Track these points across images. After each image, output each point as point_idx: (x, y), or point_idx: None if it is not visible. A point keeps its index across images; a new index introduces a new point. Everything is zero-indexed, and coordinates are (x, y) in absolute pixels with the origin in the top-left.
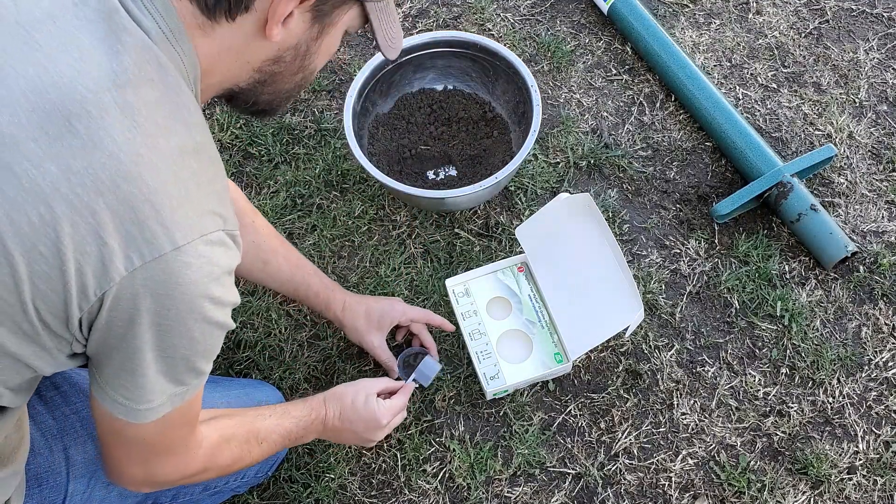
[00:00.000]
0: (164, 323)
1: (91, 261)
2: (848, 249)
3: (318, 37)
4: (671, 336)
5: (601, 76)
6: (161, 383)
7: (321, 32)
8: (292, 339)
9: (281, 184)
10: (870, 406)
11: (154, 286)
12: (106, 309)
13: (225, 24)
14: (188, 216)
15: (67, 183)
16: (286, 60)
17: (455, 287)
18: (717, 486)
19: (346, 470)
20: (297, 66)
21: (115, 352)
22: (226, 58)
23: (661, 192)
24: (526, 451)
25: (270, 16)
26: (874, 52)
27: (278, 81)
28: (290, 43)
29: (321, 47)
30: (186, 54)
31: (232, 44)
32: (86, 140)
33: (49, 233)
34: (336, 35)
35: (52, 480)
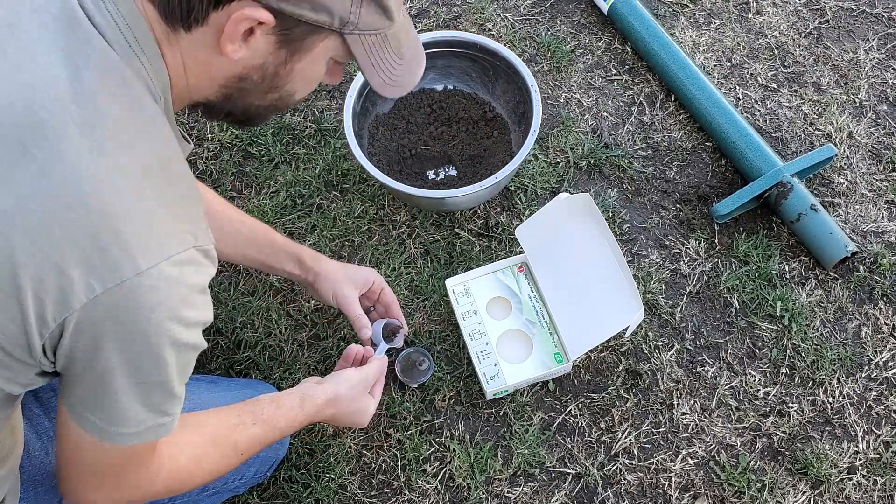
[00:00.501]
0: (131, 349)
1: (49, 289)
2: (848, 249)
3: (287, 61)
4: (671, 336)
5: (601, 76)
6: (139, 411)
7: (290, 57)
8: (292, 339)
9: (281, 184)
10: (870, 406)
11: (117, 312)
12: (68, 335)
13: (184, 35)
14: (152, 239)
15: (22, 213)
16: (252, 79)
17: (455, 287)
18: (717, 486)
19: (346, 470)
20: (266, 86)
21: (84, 375)
22: (191, 70)
23: (661, 192)
24: (526, 451)
25: (224, 33)
26: (874, 52)
27: (248, 98)
28: (254, 63)
29: (294, 72)
30: (153, 64)
31: (194, 56)
32: (42, 166)
33: (5, 264)
34: (314, 62)
35: (47, 483)
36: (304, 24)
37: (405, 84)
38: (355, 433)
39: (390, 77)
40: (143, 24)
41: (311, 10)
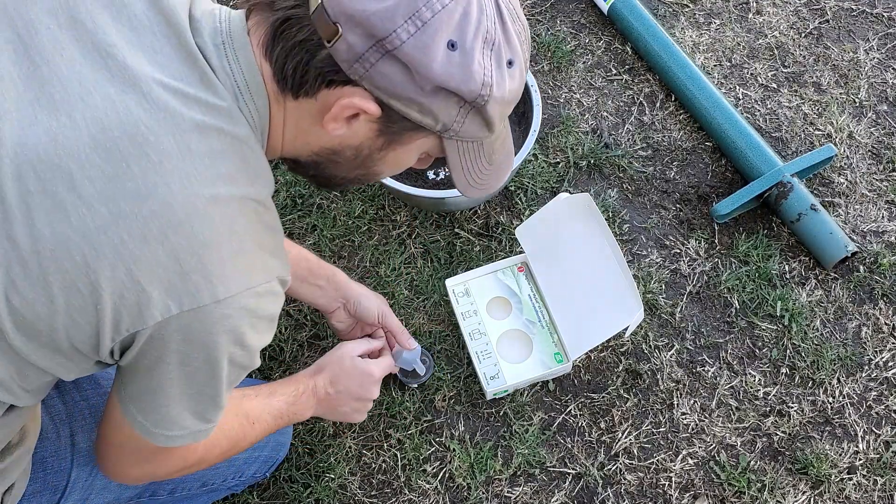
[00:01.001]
0: (192, 364)
1: (127, 304)
2: (848, 249)
3: (383, 148)
4: (671, 336)
5: (601, 76)
6: (186, 418)
7: (387, 146)
8: (292, 339)
9: (281, 184)
10: (870, 406)
11: (187, 332)
12: (138, 344)
13: (292, 100)
14: (236, 270)
15: (115, 227)
16: (345, 155)
17: (455, 287)
18: (717, 486)
19: (346, 470)
20: (357, 163)
21: (142, 378)
22: (290, 131)
23: (661, 192)
24: (526, 451)
25: (331, 112)
26: (874, 51)
27: (336, 169)
28: (352, 143)
29: (387, 158)
30: (259, 111)
31: (296, 121)
32: (140, 185)
33: (90, 273)
34: (408, 153)
35: (56, 465)
36: (407, 122)
37: (488, 188)
38: (355, 433)
39: (475, 180)
40: (256, 72)
41: (419, 112)
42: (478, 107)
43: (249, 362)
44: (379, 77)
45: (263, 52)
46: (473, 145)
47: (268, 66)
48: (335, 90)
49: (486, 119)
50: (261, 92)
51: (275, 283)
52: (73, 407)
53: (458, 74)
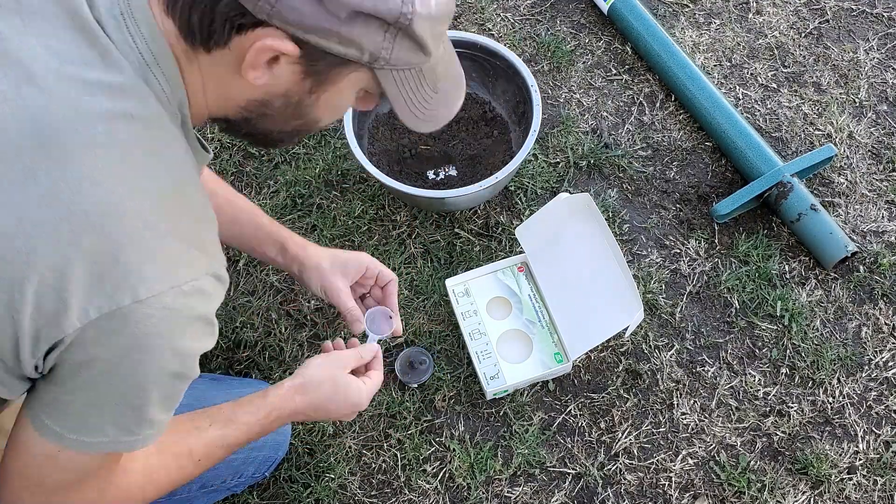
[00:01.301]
0: (116, 371)
1: (45, 313)
2: (848, 249)
3: (312, 90)
4: (671, 336)
5: (601, 76)
6: (104, 424)
7: (316, 87)
8: (292, 339)
9: (281, 184)
10: (870, 406)
11: (109, 336)
12: (58, 351)
13: (205, 55)
14: (158, 267)
15: (25, 236)
16: (275, 105)
17: (455, 287)
18: (717, 486)
19: (346, 470)
20: (289, 112)
21: (61, 385)
22: (210, 89)
23: (661, 192)
24: (526, 451)
25: (246, 60)
26: (874, 51)
27: (269, 122)
28: (278, 90)
29: (320, 101)
30: (170, 81)
31: (215, 76)
32: (48, 189)
33: (2, 285)
34: (342, 93)
35: None
36: (331, 57)
37: (439, 118)
38: (355, 433)
39: (423, 112)
40: (162, 41)
41: (339, 43)
42: (403, 28)
43: (182, 369)
44: (288, 11)
45: (164, 8)
46: (412, 73)
47: (171, 24)
48: (247, 35)
49: (417, 41)
50: (168, 59)
51: (204, 280)
52: None
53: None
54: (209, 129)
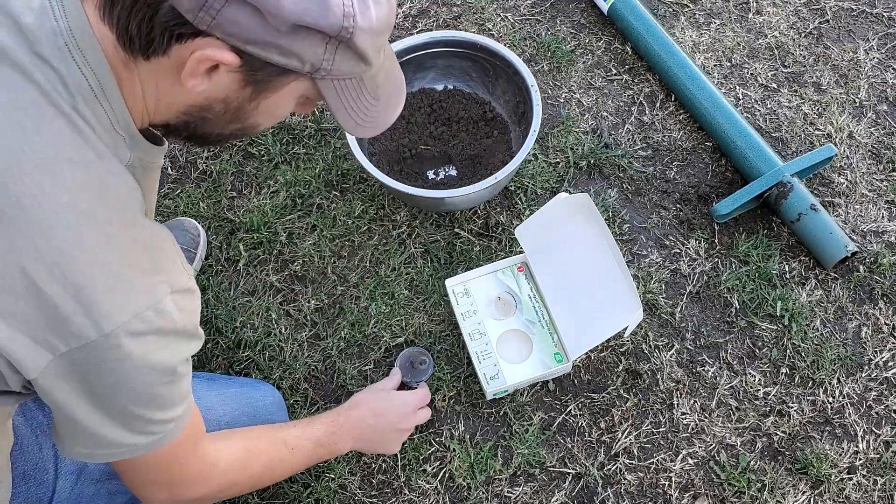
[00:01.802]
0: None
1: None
2: (848, 249)
3: (253, 97)
4: (671, 336)
5: (601, 76)
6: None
7: (257, 95)
8: (292, 339)
9: (281, 184)
10: (870, 406)
11: (81, 366)
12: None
13: (143, 62)
14: (116, 301)
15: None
16: (215, 111)
17: (455, 287)
18: (717, 485)
19: (346, 470)
20: (228, 118)
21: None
22: (150, 95)
23: (661, 192)
24: (526, 451)
25: (185, 69)
26: (874, 51)
27: (209, 126)
28: (218, 96)
29: (260, 108)
30: (115, 108)
31: (154, 83)
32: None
33: None
34: (282, 99)
35: (39, 477)
36: (271, 67)
37: (378, 125)
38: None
39: (362, 118)
40: (105, 65)
41: (280, 55)
42: (344, 41)
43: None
44: (228, 24)
45: (100, 15)
46: (352, 82)
47: (107, 30)
48: (186, 44)
49: (358, 53)
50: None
51: (166, 300)
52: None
53: (313, 9)
54: None
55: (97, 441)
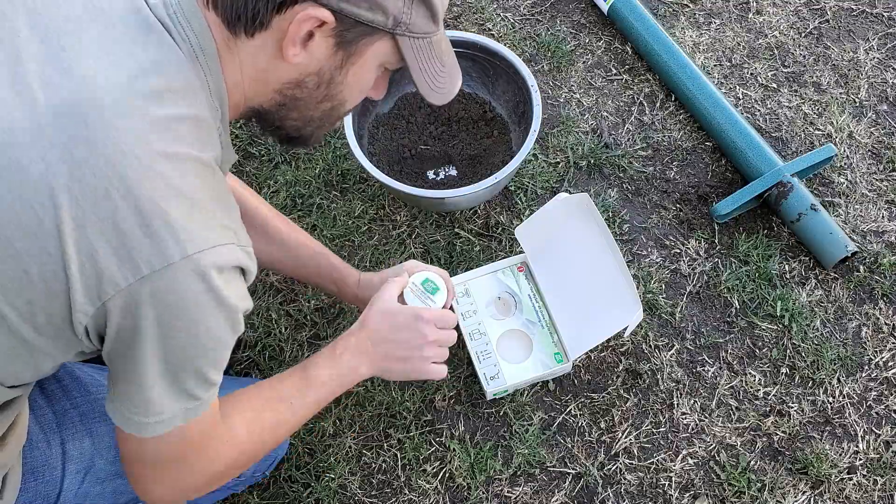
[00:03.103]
0: (171, 332)
1: (98, 266)
2: (848, 249)
3: (342, 65)
4: (671, 336)
5: (601, 76)
6: (170, 396)
7: (346, 61)
8: (292, 339)
9: (281, 184)
10: (870, 406)
11: (162, 295)
12: (113, 319)
13: (245, 40)
14: (199, 227)
15: (79, 185)
16: (308, 86)
17: (455, 287)
18: (717, 485)
19: (346, 470)
20: (321, 93)
21: (122, 360)
22: (248, 76)
23: (661, 192)
24: (526, 451)
25: (288, 35)
26: (874, 51)
27: (302, 107)
28: (312, 68)
29: (348, 77)
30: (213, 75)
31: (253, 62)
32: (101, 146)
33: (56, 233)
34: (366, 67)
35: (47, 474)
36: (360, 25)
37: (448, 91)
38: (355, 433)
39: (435, 83)
40: (209, 36)
41: (368, 9)
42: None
43: (232, 325)
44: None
45: (206, 1)
46: (425, 43)
47: (213, 15)
48: (286, 13)
49: (430, 8)
50: (213, 56)
51: (234, 247)
52: (62, 415)
53: None
54: None
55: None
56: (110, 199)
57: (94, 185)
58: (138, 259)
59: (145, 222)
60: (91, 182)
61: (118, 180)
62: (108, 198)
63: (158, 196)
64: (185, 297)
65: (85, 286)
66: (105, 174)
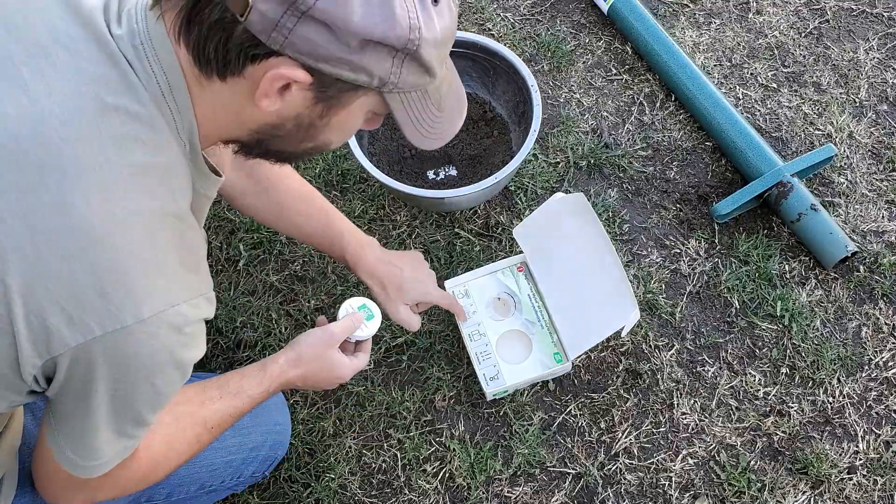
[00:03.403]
0: (120, 388)
1: (47, 325)
2: (848, 249)
3: (324, 114)
4: (671, 336)
5: (601, 76)
6: (111, 441)
7: (328, 112)
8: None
9: None
10: (870, 406)
11: (113, 355)
12: (62, 369)
13: (217, 81)
14: (158, 286)
15: (31, 243)
16: (287, 128)
17: (455, 288)
18: (717, 485)
19: (346, 470)
20: (301, 136)
21: (71, 403)
22: (221, 115)
23: (661, 192)
24: (526, 451)
25: (260, 88)
26: (874, 51)
27: (280, 144)
28: (289, 114)
29: (331, 125)
30: (181, 111)
31: (226, 103)
32: (57, 200)
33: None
34: (351, 115)
35: None
36: (341, 83)
37: (443, 135)
38: (355, 433)
39: (428, 130)
40: (178, 71)
41: (351, 70)
42: (411, 53)
43: (182, 376)
44: (301, 42)
45: (177, 37)
46: (417, 94)
47: (185, 52)
48: (260, 64)
49: (423, 65)
50: (182, 90)
51: (199, 300)
52: None
53: (381, 23)
54: None
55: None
56: (67, 261)
57: (50, 249)
58: (90, 321)
59: (101, 285)
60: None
61: (74, 245)
62: (66, 259)
63: (118, 257)
64: (139, 358)
65: (33, 342)
66: (62, 234)
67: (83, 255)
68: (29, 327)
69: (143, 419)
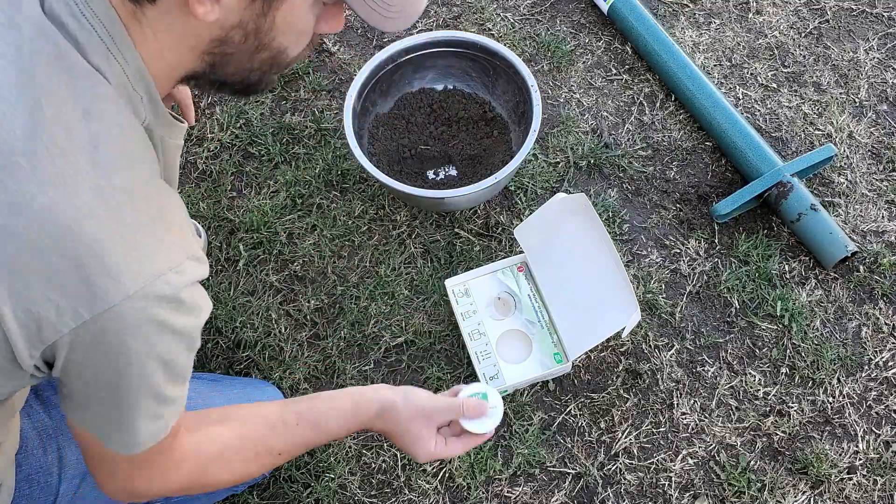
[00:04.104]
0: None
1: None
2: (848, 249)
3: (265, 12)
4: (671, 336)
5: (601, 76)
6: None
7: (268, 7)
8: (292, 339)
9: (281, 184)
10: (870, 406)
11: (107, 335)
12: (61, 354)
13: (150, 7)
14: (138, 260)
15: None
16: (234, 41)
17: (455, 287)
18: (717, 485)
19: (346, 470)
20: (252, 45)
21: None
22: (167, 45)
23: (661, 192)
24: (526, 451)
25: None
26: (874, 51)
27: (236, 62)
28: (232, 21)
29: (277, 24)
30: (129, 62)
31: (166, 28)
32: (17, 197)
33: None
34: (295, 9)
35: (42, 481)
36: None
37: (406, 13)
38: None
39: (387, 7)
40: (114, 16)
41: None
42: None
43: (188, 344)
44: None
45: None
46: None
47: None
48: None
49: None
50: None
51: (184, 264)
52: (59, 421)
53: None
54: (209, 127)
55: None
56: (43, 253)
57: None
58: (77, 307)
59: (81, 272)
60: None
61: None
62: (41, 252)
63: (90, 242)
64: (134, 335)
65: (26, 338)
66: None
67: (56, 248)
68: (19, 324)
69: (163, 395)
